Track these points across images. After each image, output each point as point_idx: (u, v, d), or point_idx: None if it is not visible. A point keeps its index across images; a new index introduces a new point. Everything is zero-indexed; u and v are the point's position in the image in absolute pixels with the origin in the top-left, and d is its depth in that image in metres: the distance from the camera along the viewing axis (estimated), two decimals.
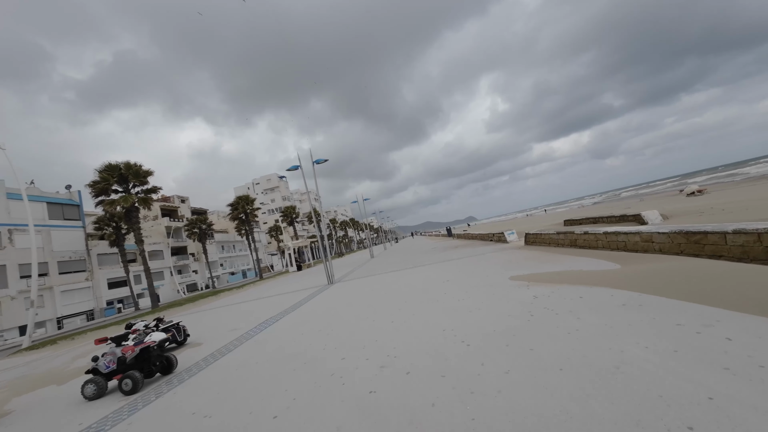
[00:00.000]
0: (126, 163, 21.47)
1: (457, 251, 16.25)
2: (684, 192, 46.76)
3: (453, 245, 21.67)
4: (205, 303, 17.22)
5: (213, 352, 5.93)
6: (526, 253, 10.37)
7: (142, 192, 22.78)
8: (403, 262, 16.74)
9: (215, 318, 10.70)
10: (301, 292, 12.79)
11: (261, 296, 14.52)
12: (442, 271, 10.05)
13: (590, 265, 6.80)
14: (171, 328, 6.77)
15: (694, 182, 69.11)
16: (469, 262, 11.12)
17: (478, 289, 6.56)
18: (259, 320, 8.25)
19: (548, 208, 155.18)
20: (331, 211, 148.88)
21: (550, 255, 9.16)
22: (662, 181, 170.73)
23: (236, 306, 12.81)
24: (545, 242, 11.38)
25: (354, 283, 12.16)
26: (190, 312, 14.40)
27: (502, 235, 16.27)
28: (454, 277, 8.63)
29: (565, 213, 63.81)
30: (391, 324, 5.31)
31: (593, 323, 3.67)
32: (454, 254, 14.84)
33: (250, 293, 17.41)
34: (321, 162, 13.42)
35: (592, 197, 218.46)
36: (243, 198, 37.40)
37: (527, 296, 5.29)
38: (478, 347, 3.63)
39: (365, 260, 26.41)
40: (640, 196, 76.04)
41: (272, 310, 9.47)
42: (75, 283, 37.84)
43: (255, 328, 7.31)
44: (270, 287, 18.89)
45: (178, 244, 55.24)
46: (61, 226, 37.61)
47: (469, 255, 13.25)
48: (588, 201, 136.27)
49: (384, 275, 12.47)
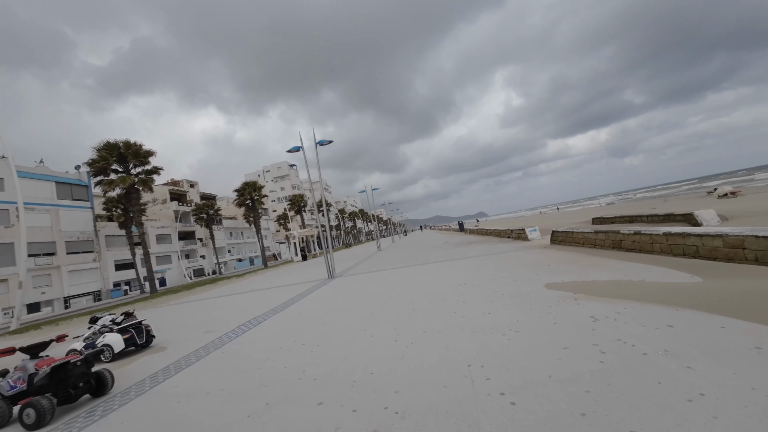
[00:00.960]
0: (125, 142, 20.55)
1: (471, 248, 14.79)
2: (716, 193, 43.95)
3: (466, 241, 20.18)
4: (201, 291, 16.29)
5: (169, 365, 4.72)
6: (557, 254, 8.86)
7: (143, 173, 21.92)
8: (411, 257, 15.40)
9: (197, 313, 9.59)
10: (298, 286, 11.62)
11: (256, 288, 13.43)
12: (458, 271, 8.66)
13: (653, 274, 5.30)
14: (130, 329, 5.61)
15: (725, 184, 65.33)
16: (488, 261, 9.68)
17: (506, 298, 5.16)
18: (240, 320, 7.05)
19: (561, 206, 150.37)
20: (341, 202, 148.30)
21: (588, 258, 7.65)
22: (682, 182, 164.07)
23: (227, 299, 11.72)
24: (577, 242, 9.83)
25: (356, 279, 10.89)
26: (180, 302, 13.43)
27: (523, 231, 14.70)
28: (472, 279, 7.23)
29: (581, 212, 61.36)
30: (394, 344, 3.98)
31: (727, 384, 2.21)
32: (469, 251, 13.39)
33: (248, 283, 16.39)
34: (325, 143, 12.08)
35: (606, 197, 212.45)
36: (250, 184, 36.45)
37: (581, 316, 3.86)
38: (531, 410, 2.25)
39: (372, 253, 25.18)
40: (664, 197, 72.47)
41: (260, 308, 8.27)
42: (83, 264, 37.87)
43: (232, 332, 6.10)
44: (270, 278, 17.85)
45: (186, 229, 55.18)
46: (70, 206, 37.49)
47: (486, 253, 11.80)
48: (602, 201, 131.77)
49: (390, 271, 11.16)
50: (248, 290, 13.11)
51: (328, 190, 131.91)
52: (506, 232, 17.65)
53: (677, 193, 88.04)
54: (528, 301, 4.86)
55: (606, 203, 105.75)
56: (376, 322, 5.13)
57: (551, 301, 4.64)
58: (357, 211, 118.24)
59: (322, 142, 12.05)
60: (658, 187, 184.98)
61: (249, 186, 36.25)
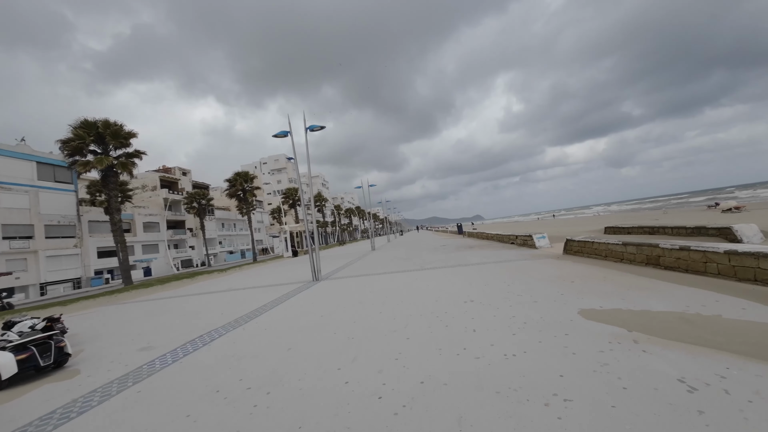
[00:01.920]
0: (104, 121, 18.98)
1: (473, 253, 13.48)
2: (719, 208, 43.32)
3: (466, 245, 18.89)
4: (175, 287, 14.85)
5: (56, 410, 3.33)
6: (578, 268, 7.56)
7: (123, 155, 20.35)
8: (407, 259, 14.07)
9: (150, 317, 8.18)
10: (278, 288, 10.24)
11: (233, 287, 12.02)
12: (461, 281, 7.33)
13: (726, 306, 3.99)
14: (30, 346, 4.21)
15: (728, 198, 64.77)
16: (495, 270, 8.37)
17: (532, 329, 3.83)
18: (191, 334, 5.67)
19: (556, 213, 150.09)
20: (338, 198, 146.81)
21: (619, 275, 6.35)
22: (678, 195, 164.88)
23: (196, 299, 10.31)
24: (598, 254, 8.54)
25: (343, 283, 9.53)
26: (145, 299, 11.98)
27: (530, 238, 13.41)
28: (480, 294, 5.90)
29: (589, 220, 60.72)
30: (377, 404, 2.64)
31: None
32: (471, 257, 12.08)
33: (227, 281, 14.97)
34: (316, 129, 10.68)
35: (601, 206, 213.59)
36: (241, 174, 34.87)
37: (663, 378, 2.53)
38: None
39: (365, 252, 23.83)
40: (663, 209, 71.77)
41: (222, 316, 6.89)
42: (62, 249, 36.16)
43: (171, 354, 4.72)
44: (252, 275, 16.44)
45: (176, 218, 53.48)
46: (51, 188, 35.72)
47: (491, 260, 10.48)
48: (598, 210, 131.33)
49: (382, 276, 9.81)
50: (223, 289, 11.71)
51: (325, 185, 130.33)
52: (510, 237, 16.37)
53: (674, 205, 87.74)
54: (564, 337, 3.53)
55: (601, 212, 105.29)
56: (355, 354, 3.78)
57: (600, 342, 3.31)
58: (353, 208, 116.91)
59: (313, 127, 10.66)
60: (654, 198, 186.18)
61: (240, 176, 34.67)
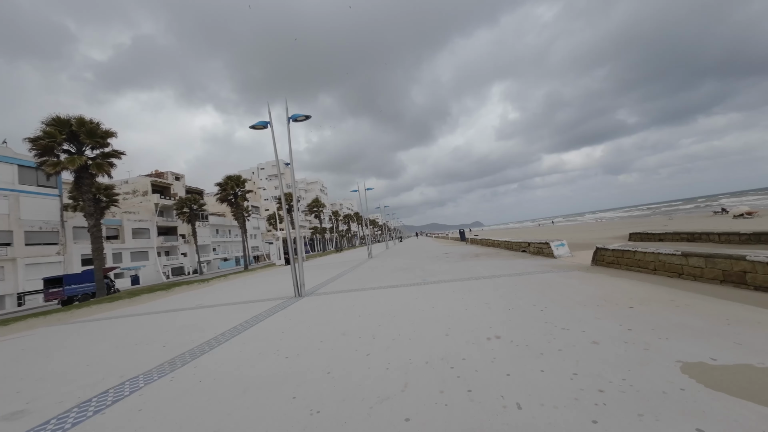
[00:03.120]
0: (79, 119, 17.47)
1: (481, 263, 11.85)
2: (730, 213, 42.04)
3: (471, 252, 17.26)
4: (141, 301, 13.16)
5: None
6: (621, 286, 5.94)
7: (100, 156, 18.82)
8: (406, 269, 12.44)
9: (72, 350, 6.50)
10: (251, 306, 8.57)
11: (203, 303, 10.34)
12: (476, 302, 5.71)
13: None
14: None
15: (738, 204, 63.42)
16: (515, 287, 6.74)
17: (622, 409, 2.22)
18: (95, 388, 4.03)
19: (554, 220, 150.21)
20: (337, 204, 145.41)
21: (686, 297, 4.74)
22: (675, 201, 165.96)
23: (150, 319, 8.63)
24: (643, 266, 6.94)
25: (328, 302, 7.87)
26: (95, 317, 10.27)
27: (546, 246, 11.79)
28: (507, 325, 4.28)
29: (606, 226, 59.19)
30: None
31: None
32: (480, 268, 10.45)
33: (202, 294, 13.29)
34: (300, 119, 9.14)
35: (599, 212, 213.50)
36: (233, 178, 33.27)
37: None
38: None
39: (362, 260, 22.16)
40: (669, 215, 70.31)
41: (161, 352, 5.24)
42: (44, 257, 34.39)
43: (55, 422, 3.10)
44: (234, 287, 14.76)
45: (168, 224, 51.80)
46: (33, 192, 34.11)
47: (505, 272, 8.86)
48: (595, 216, 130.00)
49: (377, 292, 8.18)
50: (191, 306, 10.03)
51: (324, 191, 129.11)
52: (521, 244, 14.75)
53: (673, 211, 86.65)
54: None
55: (603, 219, 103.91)
56: None
57: None
58: (352, 214, 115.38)
59: (296, 116, 9.11)
60: (649, 205, 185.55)
61: (232, 180, 33.06)
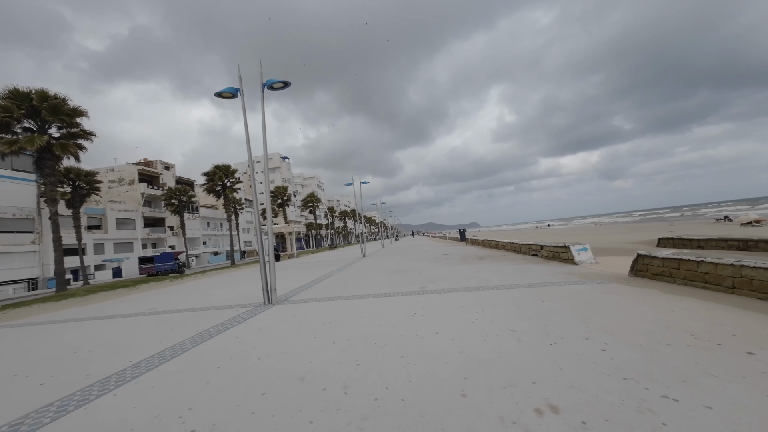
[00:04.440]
0: (40, 92, 15.58)
1: (486, 267, 10.23)
2: (737, 221, 40.97)
3: (474, 254, 15.64)
4: (96, 300, 11.42)
5: None
6: (692, 308, 4.34)
7: (66, 135, 16.96)
8: (402, 272, 10.80)
9: None
10: (209, 314, 6.89)
11: (157, 308, 8.63)
12: (495, 327, 4.08)
13: None
14: None
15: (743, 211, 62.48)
16: (546, 305, 5.11)
17: None
18: None
19: (551, 223, 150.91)
20: (333, 200, 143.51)
21: None
22: (668, 209, 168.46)
23: (84, 328, 6.92)
24: (714, 282, 5.35)
25: (303, 314, 6.21)
26: (25, 321, 8.53)
27: (565, 250, 10.17)
28: (561, 381, 2.67)
29: (580, 230, 57.94)
30: None
31: None
32: (489, 274, 8.82)
33: (164, 295, 11.57)
34: (277, 86, 7.44)
35: (597, 217, 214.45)
36: (221, 168, 31.41)
37: None
38: None
39: (354, 259, 20.51)
40: (670, 221, 69.22)
41: (39, 392, 3.58)
42: (17, 246, 32.40)
43: None
44: (206, 286, 13.05)
45: (156, 215, 49.80)
46: (7, 177, 32.07)
47: (521, 281, 7.24)
48: (586, 221, 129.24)
49: (366, 302, 6.54)
50: (143, 311, 8.32)
51: (321, 187, 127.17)
52: (531, 247, 13.13)
53: (668, 218, 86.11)
54: None
55: (593, 223, 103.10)
56: None
57: None
58: (348, 211, 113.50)
59: (271, 82, 7.41)
60: (649, 211, 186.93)
61: (220, 170, 31.19)
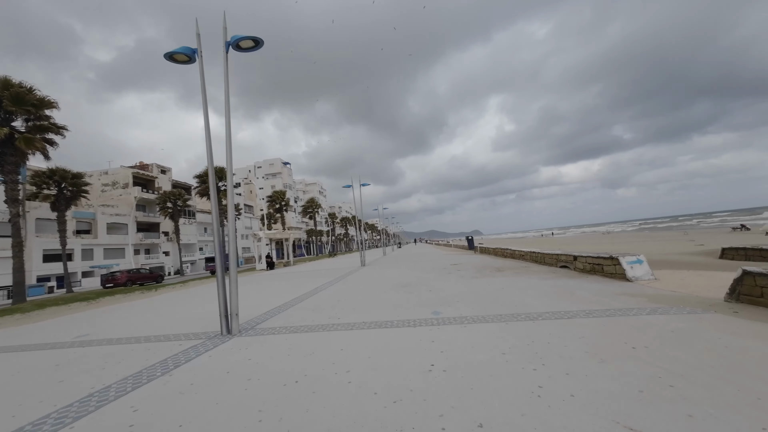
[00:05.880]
0: (2, 79, 13.95)
1: (510, 282, 8.21)
2: (762, 230, 38.78)
3: (488, 265, 13.62)
4: (40, 318, 9.47)
5: None
6: None
7: (33, 128, 15.26)
8: (407, 287, 8.81)
9: None
10: (152, 348, 4.93)
11: (89, 337, 6.67)
12: (572, 397, 2.12)
13: None
14: None
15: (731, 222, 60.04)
16: (637, 353, 3.13)
17: None
18: None
19: (555, 232, 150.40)
20: (335, 207, 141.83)
21: None
22: (672, 218, 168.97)
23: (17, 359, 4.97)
24: None
25: (270, 352, 4.22)
26: None
27: (611, 263, 8.16)
28: None
29: (578, 239, 55.49)
30: None
31: None
32: (517, 291, 6.81)
33: (116, 313, 9.61)
34: (243, 44, 5.62)
35: (601, 225, 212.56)
36: (216, 170, 29.69)
37: None
38: None
39: (351, 269, 18.52)
40: (684, 229, 66.80)
41: None
42: None
43: None
44: (176, 300, 11.06)
45: (150, 220, 48.09)
46: None
47: (575, 306, 5.25)
48: (591, 230, 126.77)
49: (360, 335, 4.58)
50: (72, 340, 6.37)
51: (323, 193, 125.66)
52: (559, 258, 11.08)
53: (676, 227, 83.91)
54: None
55: (603, 232, 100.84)
56: None
57: None
58: (350, 218, 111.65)
59: (238, 38, 5.59)
60: (657, 219, 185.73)
61: (215, 172, 29.48)
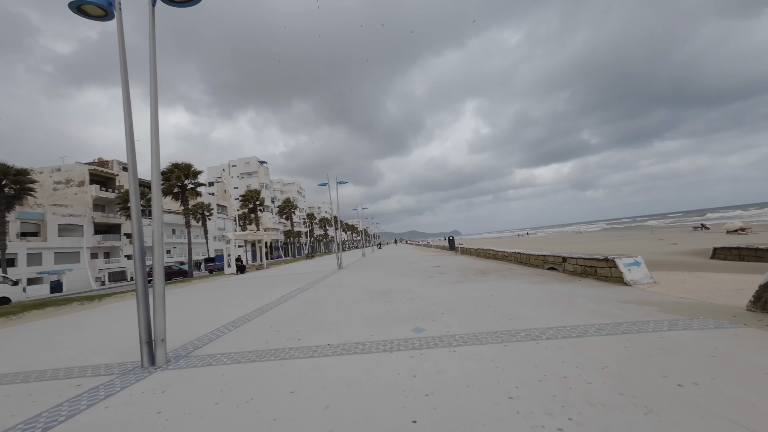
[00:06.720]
0: None
1: (495, 285, 7.48)
2: (724, 228, 40.68)
3: (471, 267, 12.94)
4: None
5: None
6: None
7: None
8: (387, 294, 7.89)
9: None
10: (42, 390, 3.73)
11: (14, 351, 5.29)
12: None
13: None
14: None
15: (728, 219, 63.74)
16: (682, 393, 2.38)
17: None
18: None
19: (529, 232, 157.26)
20: (315, 207, 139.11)
21: None
22: (637, 218, 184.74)
23: None
24: None
25: (199, 397, 3.15)
26: None
27: (606, 264, 7.59)
28: None
29: (557, 238, 56.93)
30: None
31: None
32: (508, 299, 6.06)
33: (38, 329, 8.09)
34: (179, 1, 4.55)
35: (571, 225, 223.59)
36: (181, 166, 27.53)
37: None
38: None
39: (329, 272, 17.39)
40: (650, 229, 70.01)
41: None
42: None
43: None
44: (124, 311, 9.56)
45: (109, 221, 44.59)
46: None
47: (579, 321, 4.52)
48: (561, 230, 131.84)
49: (325, 363, 3.60)
50: None
51: (301, 193, 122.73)
52: (547, 259, 10.52)
53: (635, 227, 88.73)
54: None
55: (574, 231, 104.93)
56: None
57: None
58: (329, 218, 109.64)
59: None
60: (616, 220, 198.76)
61: (179, 169, 27.29)
